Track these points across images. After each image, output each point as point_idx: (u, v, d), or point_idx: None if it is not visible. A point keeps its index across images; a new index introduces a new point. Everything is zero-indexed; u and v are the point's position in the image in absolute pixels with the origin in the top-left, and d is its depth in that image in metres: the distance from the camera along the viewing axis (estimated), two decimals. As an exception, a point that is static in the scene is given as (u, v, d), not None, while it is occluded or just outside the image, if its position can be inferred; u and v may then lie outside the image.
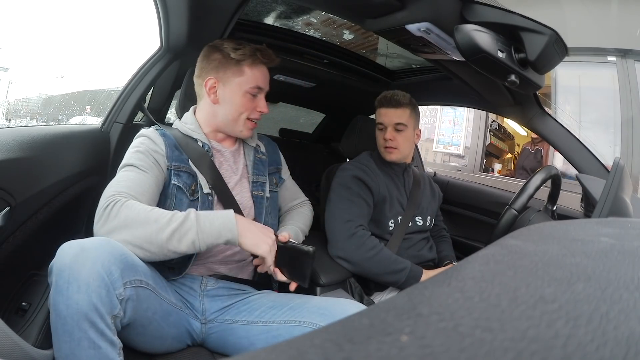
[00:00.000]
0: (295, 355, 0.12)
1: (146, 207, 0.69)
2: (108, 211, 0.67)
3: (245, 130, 0.90)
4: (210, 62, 0.88)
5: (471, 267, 0.20)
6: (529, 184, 0.99)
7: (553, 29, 0.60)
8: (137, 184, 0.75)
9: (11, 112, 7.54)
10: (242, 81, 0.87)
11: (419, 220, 1.18)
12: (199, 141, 0.87)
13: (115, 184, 0.74)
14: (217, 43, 0.89)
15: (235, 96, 0.87)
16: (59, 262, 0.57)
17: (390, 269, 1.01)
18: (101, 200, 0.70)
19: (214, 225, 0.69)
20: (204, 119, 0.90)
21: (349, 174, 1.10)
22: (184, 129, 0.89)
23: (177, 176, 0.81)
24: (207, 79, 0.87)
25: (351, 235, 1.02)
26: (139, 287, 0.63)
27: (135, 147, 0.82)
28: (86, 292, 0.55)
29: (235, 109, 0.88)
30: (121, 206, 0.67)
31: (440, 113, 5.50)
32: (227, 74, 0.87)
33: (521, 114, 1.17)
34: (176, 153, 0.83)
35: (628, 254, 0.22)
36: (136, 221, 0.66)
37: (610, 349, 0.12)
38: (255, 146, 0.97)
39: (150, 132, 0.85)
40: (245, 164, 0.94)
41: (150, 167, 0.79)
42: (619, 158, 0.78)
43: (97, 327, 0.56)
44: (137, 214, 0.67)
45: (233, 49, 0.86)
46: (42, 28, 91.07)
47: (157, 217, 0.67)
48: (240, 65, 0.86)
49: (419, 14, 0.67)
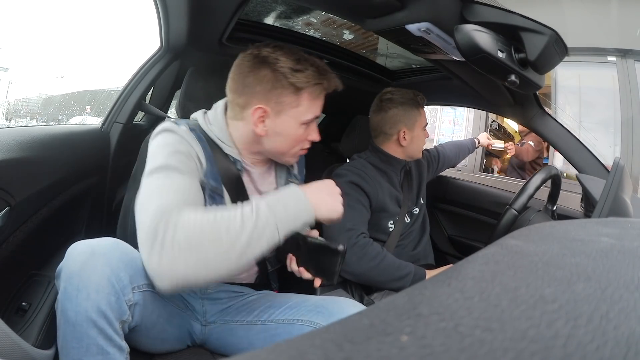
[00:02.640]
0: (295, 355, 0.12)
1: (207, 217, 0.54)
2: (161, 237, 0.51)
3: (293, 160, 0.78)
4: (259, 82, 0.68)
5: (471, 267, 0.20)
6: (529, 184, 0.99)
7: (553, 29, 0.60)
8: (185, 190, 0.60)
9: (11, 112, 7.54)
10: (300, 112, 0.70)
11: (415, 210, 1.18)
12: (230, 156, 0.73)
13: (156, 195, 0.57)
14: (267, 54, 0.68)
15: (290, 129, 0.71)
16: (68, 267, 0.56)
17: (395, 275, 1.00)
18: (142, 219, 0.55)
19: (290, 210, 0.59)
20: (240, 140, 0.74)
21: (345, 180, 1.07)
22: (212, 135, 0.73)
23: (212, 199, 0.69)
24: (255, 108, 0.68)
25: (352, 245, 1.00)
26: (146, 291, 0.63)
27: (170, 146, 0.64)
28: (96, 299, 0.54)
29: (287, 143, 0.73)
30: (176, 226, 0.52)
31: (440, 113, 5.49)
32: (281, 103, 0.69)
33: (521, 114, 1.17)
34: (213, 168, 0.70)
35: (628, 254, 0.22)
36: (203, 240, 0.52)
37: (610, 349, 0.12)
38: (288, 166, 0.84)
39: (185, 132, 0.68)
40: (275, 186, 0.82)
41: (193, 172, 0.64)
42: (619, 158, 0.78)
43: (106, 333, 0.56)
44: (200, 230, 0.53)
45: (291, 69, 0.67)
46: (42, 28, 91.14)
47: (227, 225, 0.54)
48: (300, 93, 0.69)
49: (419, 14, 0.67)
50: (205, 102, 1.08)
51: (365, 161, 1.15)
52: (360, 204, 1.06)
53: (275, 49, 0.69)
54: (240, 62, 0.71)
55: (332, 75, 0.72)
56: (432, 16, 0.66)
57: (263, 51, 0.69)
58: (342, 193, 0.69)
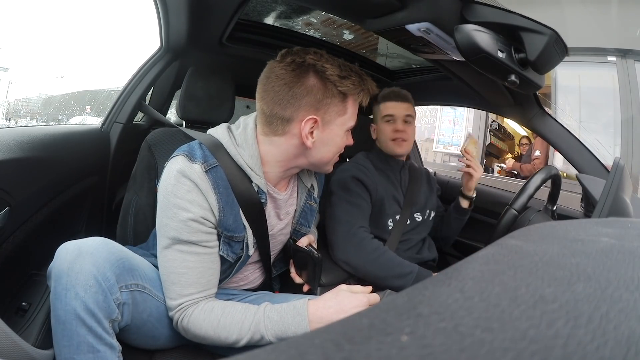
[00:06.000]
0: (295, 355, 0.12)
1: (212, 321, 0.65)
2: (182, 326, 0.66)
3: (331, 167, 0.77)
4: (308, 92, 0.64)
5: (471, 267, 0.20)
6: (529, 184, 0.99)
7: (553, 29, 0.60)
8: (202, 274, 0.66)
9: (11, 112, 7.53)
10: (346, 120, 0.70)
11: (417, 216, 1.18)
12: (255, 185, 0.70)
13: (176, 279, 0.65)
14: (313, 62, 0.65)
15: (337, 138, 0.70)
16: (57, 267, 0.57)
17: (395, 272, 1.00)
18: (169, 304, 0.66)
19: (287, 331, 0.64)
20: (276, 159, 0.70)
21: (348, 175, 1.10)
22: (241, 161, 0.68)
23: (227, 245, 0.69)
24: (307, 120, 0.65)
25: (351, 236, 1.02)
26: (135, 290, 0.64)
27: (183, 210, 0.63)
28: (83, 298, 0.55)
29: (332, 152, 0.72)
30: (189, 323, 0.65)
31: (440, 113, 5.49)
32: (330, 112, 0.67)
33: (521, 114, 1.17)
34: (229, 212, 0.67)
35: (628, 254, 0.22)
36: (206, 337, 0.65)
37: (610, 349, 0.12)
38: (309, 187, 0.83)
39: (199, 175, 0.63)
40: (295, 207, 0.82)
41: (209, 238, 0.66)
42: (619, 158, 0.78)
43: (95, 331, 0.56)
44: (205, 332, 0.65)
45: (339, 77, 0.65)
46: (42, 28, 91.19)
47: (226, 335, 0.64)
48: (346, 100, 0.68)
49: (419, 14, 0.67)
50: (205, 102, 1.08)
51: (366, 158, 1.18)
52: (360, 198, 1.07)
53: (319, 56, 0.66)
54: (280, 72, 0.65)
55: (370, 79, 0.71)
56: (432, 16, 0.66)
57: (307, 59, 0.65)
58: (344, 189, 0.70)
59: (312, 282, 0.79)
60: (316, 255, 0.76)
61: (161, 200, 0.65)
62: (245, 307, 0.67)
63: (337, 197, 1.08)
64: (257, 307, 0.66)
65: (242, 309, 0.66)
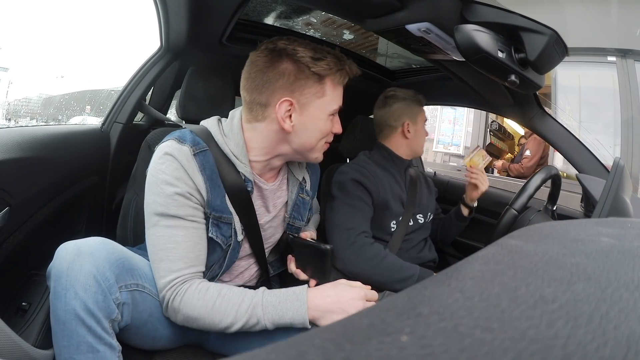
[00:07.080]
0: (295, 355, 0.12)
1: (207, 301, 0.64)
2: (173, 307, 0.65)
3: (320, 155, 0.76)
4: (280, 75, 0.66)
5: (471, 267, 0.20)
6: (529, 184, 0.99)
7: (553, 29, 0.60)
8: (190, 249, 0.66)
9: (11, 112, 7.53)
10: (326, 102, 0.70)
11: (420, 217, 1.17)
12: (242, 174, 0.71)
13: (164, 255, 0.65)
14: (284, 46, 0.67)
15: (318, 121, 0.70)
16: (56, 267, 0.57)
17: (397, 277, 0.99)
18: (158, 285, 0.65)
19: (284, 317, 0.64)
20: (260, 145, 0.71)
21: (348, 178, 1.08)
22: (227, 150, 0.70)
23: (216, 227, 0.69)
24: (281, 101, 0.66)
25: (351, 244, 1.00)
26: (135, 290, 0.64)
27: (170, 185, 0.64)
28: (83, 297, 0.55)
29: (314, 137, 0.71)
30: (180, 302, 0.64)
31: (440, 113, 5.49)
32: (305, 94, 0.68)
33: (521, 114, 1.17)
34: (216, 194, 0.68)
35: (628, 254, 0.22)
36: (199, 320, 0.64)
37: (610, 349, 0.12)
38: (301, 180, 0.83)
39: (187, 157, 0.65)
40: (286, 201, 0.82)
41: (195, 213, 0.66)
42: (619, 158, 0.78)
43: (95, 331, 0.56)
44: (198, 313, 0.64)
45: (312, 58, 0.66)
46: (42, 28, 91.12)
47: (220, 317, 0.63)
48: (323, 81, 0.68)
49: (419, 14, 0.67)
50: (205, 102, 1.08)
51: (368, 159, 1.16)
52: (362, 201, 1.06)
53: (291, 41, 0.68)
54: (255, 59, 0.68)
55: (350, 61, 0.71)
56: (432, 16, 0.66)
57: (279, 44, 0.67)
58: (344, 192, 0.69)
59: (321, 275, 0.75)
60: (323, 247, 0.73)
61: (149, 180, 0.67)
62: (242, 290, 0.66)
63: (337, 201, 1.07)
64: (254, 291, 0.66)
65: (239, 291, 0.66)
